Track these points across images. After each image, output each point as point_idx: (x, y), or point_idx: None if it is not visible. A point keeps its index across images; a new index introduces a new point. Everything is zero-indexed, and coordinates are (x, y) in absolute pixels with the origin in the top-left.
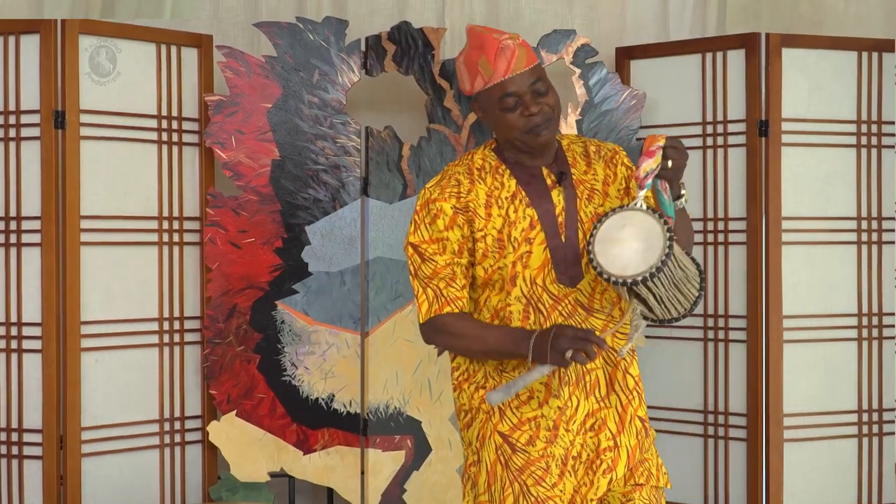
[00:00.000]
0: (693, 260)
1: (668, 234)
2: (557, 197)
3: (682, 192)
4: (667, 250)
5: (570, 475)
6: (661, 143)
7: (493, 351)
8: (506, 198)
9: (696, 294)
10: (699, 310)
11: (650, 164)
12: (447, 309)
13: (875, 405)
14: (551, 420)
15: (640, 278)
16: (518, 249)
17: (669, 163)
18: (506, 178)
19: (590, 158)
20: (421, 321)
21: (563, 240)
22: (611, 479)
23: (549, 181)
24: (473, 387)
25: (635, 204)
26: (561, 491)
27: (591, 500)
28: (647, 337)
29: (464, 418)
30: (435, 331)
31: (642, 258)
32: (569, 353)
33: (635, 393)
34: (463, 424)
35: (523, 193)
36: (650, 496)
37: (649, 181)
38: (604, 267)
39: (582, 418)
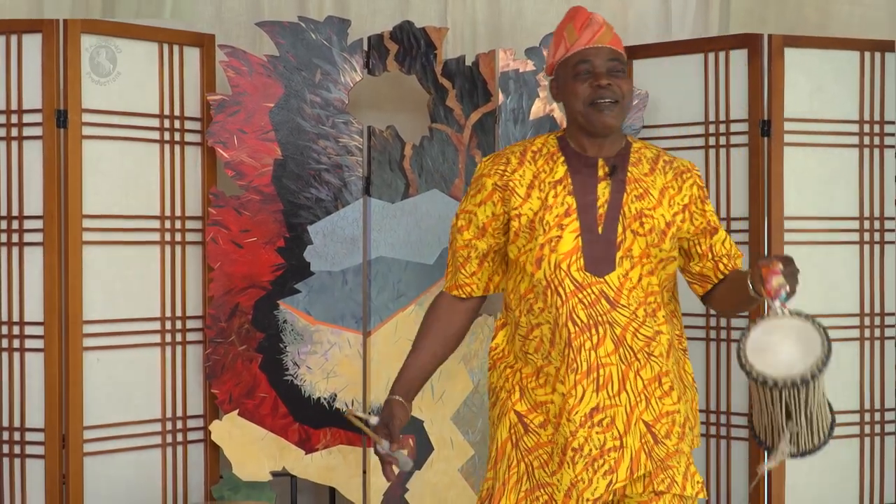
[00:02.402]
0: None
1: (821, 328)
2: (603, 189)
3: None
4: (827, 342)
5: (569, 467)
6: (780, 268)
7: (408, 356)
8: (550, 182)
9: (828, 428)
10: (701, 309)
11: (779, 280)
12: (455, 292)
13: (877, 405)
14: (558, 406)
15: (809, 374)
16: (548, 233)
17: (787, 290)
18: (558, 164)
19: (656, 165)
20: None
21: (600, 231)
22: (610, 482)
23: (601, 173)
24: (504, 366)
25: (776, 313)
26: (559, 481)
27: (588, 499)
28: None
29: (491, 397)
30: (432, 304)
31: (802, 356)
32: (373, 422)
33: (643, 396)
34: (490, 403)
35: (569, 181)
36: None
37: (783, 294)
38: (768, 375)
39: (587, 411)
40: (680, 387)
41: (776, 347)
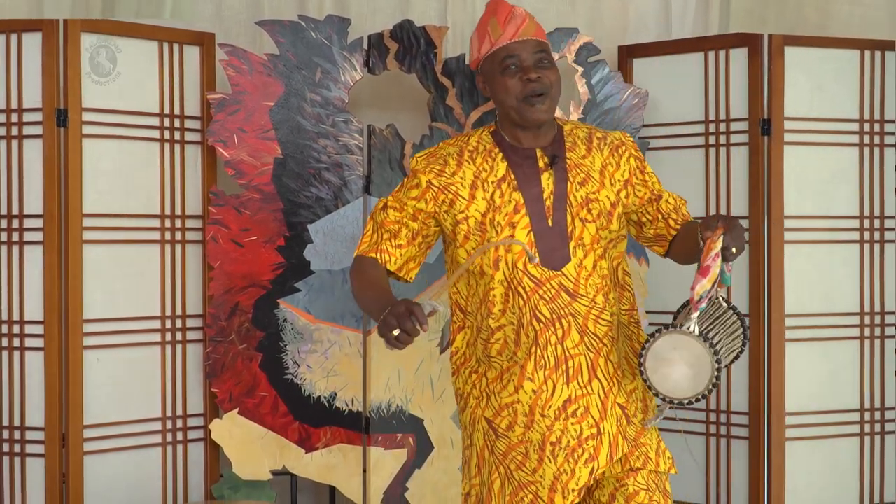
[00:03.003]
0: (736, 315)
1: (715, 365)
2: (547, 180)
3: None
4: (714, 381)
5: (550, 461)
6: (718, 248)
7: (364, 305)
8: (493, 181)
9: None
10: None
11: (705, 286)
12: (372, 255)
13: (877, 404)
14: (527, 405)
15: (686, 402)
16: (501, 234)
17: (734, 249)
18: (498, 160)
19: (591, 144)
20: (355, 253)
21: (550, 224)
22: (592, 469)
23: (541, 163)
24: (468, 370)
25: (689, 328)
26: (541, 476)
27: (573, 489)
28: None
29: (459, 402)
30: (354, 267)
31: (690, 384)
32: (395, 332)
33: (615, 380)
34: (459, 408)
35: (512, 176)
36: (647, 480)
37: (703, 304)
38: (654, 384)
39: (560, 403)
40: (633, 362)
41: (673, 364)
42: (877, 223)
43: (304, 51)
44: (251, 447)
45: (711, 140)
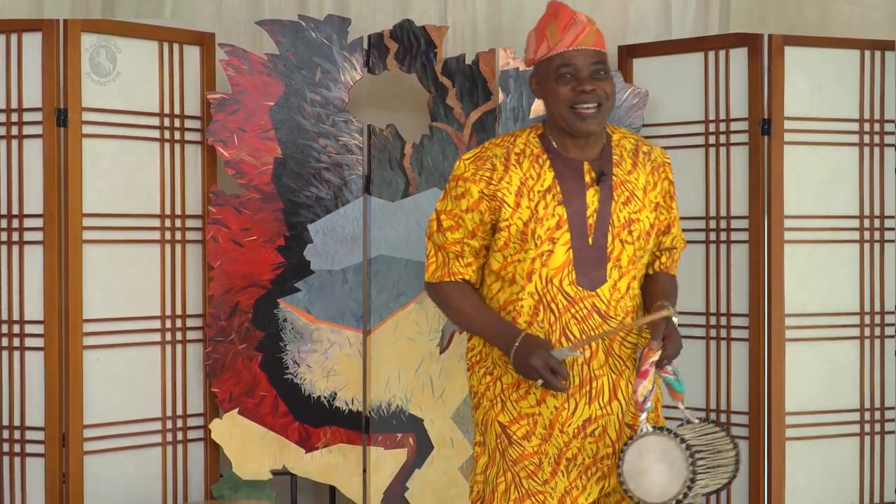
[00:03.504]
0: (724, 434)
1: (683, 445)
2: (592, 197)
3: (665, 312)
4: (690, 459)
5: (563, 475)
6: (655, 358)
7: (475, 330)
8: (539, 191)
9: (732, 464)
10: (701, 308)
11: (646, 387)
12: (447, 279)
13: (877, 404)
14: (547, 419)
15: (681, 496)
16: (540, 247)
17: (667, 365)
18: (545, 168)
19: (637, 159)
20: (426, 279)
21: (590, 242)
22: (603, 487)
23: (587, 178)
24: (482, 371)
25: (641, 430)
26: (552, 488)
27: (582, 503)
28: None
29: (473, 399)
30: (434, 293)
31: (671, 477)
32: (539, 382)
33: (632, 401)
34: (472, 405)
35: (558, 189)
36: None
37: (649, 403)
38: (646, 500)
39: (580, 423)
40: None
41: (650, 470)
42: (877, 223)
43: (304, 51)
44: (251, 447)
45: (711, 140)
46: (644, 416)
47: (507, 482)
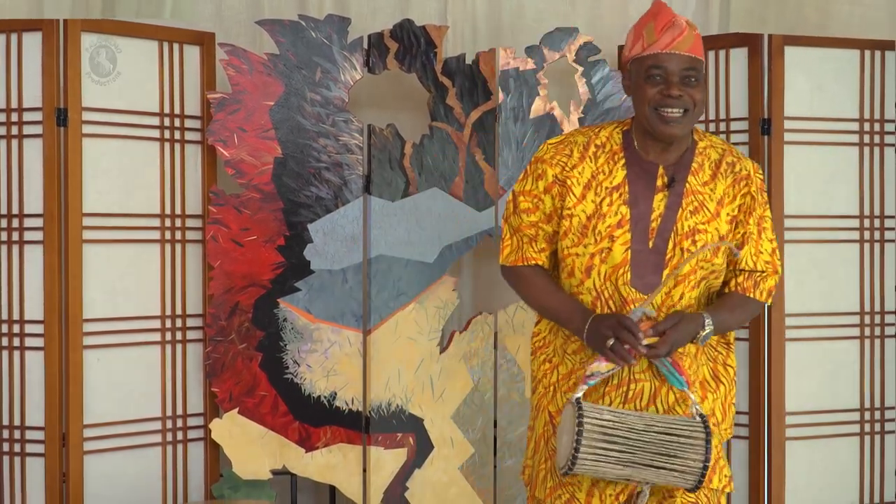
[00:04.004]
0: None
1: (577, 420)
2: (659, 202)
3: (701, 333)
4: (576, 436)
5: None
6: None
7: (549, 314)
8: (607, 187)
9: (686, 472)
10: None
11: (600, 367)
12: (521, 264)
13: (877, 404)
14: None
15: (565, 468)
16: (599, 243)
17: (664, 358)
18: (618, 166)
19: (718, 170)
20: (501, 261)
21: (650, 245)
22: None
23: (659, 182)
24: (543, 357)
25: (572, 398)
26: (580, 481)
27: (610, 494)
28: None
29: (533, 383)
30: (509, 276)
31: (564, 448)
32: (610, 342)
33: (674, 410)
34: (532, 388)
35: (626, 188)
36: (698, 496)
37: (592, 381)
38: (558, 460)
39: None
40: (712, 384)
41: (560, 437)
42: (877, 223)
43: (304, 50)
44: (251, 447)
45: None
46: (582, 387)
47: (547, 469)
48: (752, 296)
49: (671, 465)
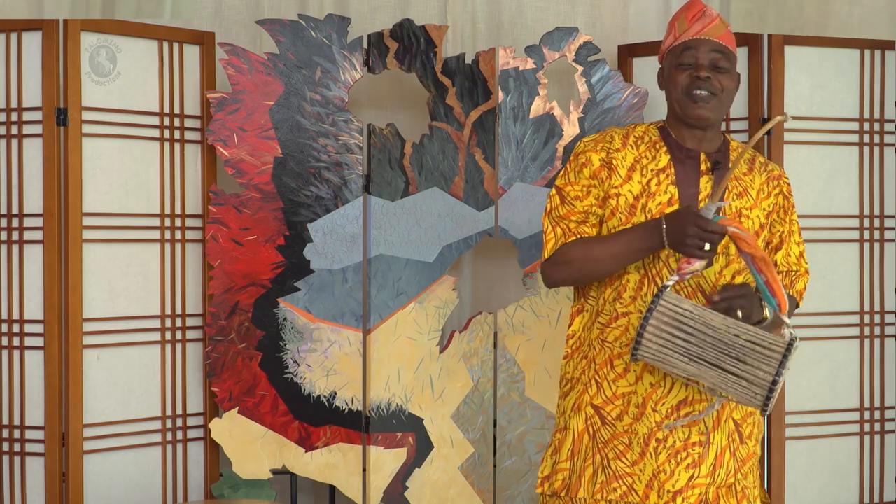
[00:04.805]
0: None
1: (652, 302)
2: (706, 184)
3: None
4: (644, 317)
5: (651, 458)
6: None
7: (622, 255)
8: (653, 169)
9: (774, 367)
10: None
11: (697, 266)
12: (571, 239)
13: (877, 403)
14: (641, 397)
15: (630, 352)
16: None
17: (739, 313)
18: (661, 152)
19: (754, 165)
20: (545, 257)
21: None
22: (692, 476)
23: (703, 167)
24: (580, 356)
25: (665, 287)
26: (640, 471)
27: (668, 491)
28: None
29: (564, 387)
30: (556, 264)
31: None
32: (707, 247)
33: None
34: (561, 393)
35: (672, 170)
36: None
37: (687, 276)
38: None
39: (675, 403)
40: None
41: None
42: (877, 223)
43: (304, 50)
44: (251, 446)
45: None
46: (674, 278)
47: (595, 465)
48: (790, 293)
49: (739, 371)
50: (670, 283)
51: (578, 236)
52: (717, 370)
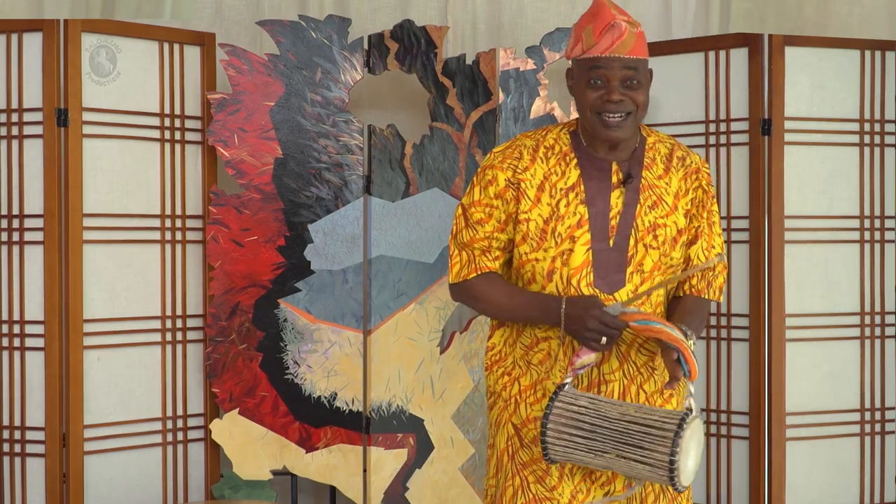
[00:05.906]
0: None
1: (548, 405)
2: (617, 198)
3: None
4: (542, 422)
5: (568, 479)
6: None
7: (518, 314)
8: (562, 188)
9: (655, 467)
10: None
11: (589, 359)
12: (474, 275)
13: (877, 404)
14: None
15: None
16: (560, 245)
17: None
18: (571, 166)
19: (670, 163)
20: (451, 281)
21: (611, 244)
22: (608, 492)
23: (615, 178)
24: (501, 370)
25: (562, 387)
26: (560, 494)
27: None
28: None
29: (488, 399)
30: (462, 293)
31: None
32: (604, 341)
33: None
34: (488, 405)
35: (581, 188)
36: None
37: (580, 371)
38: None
39: None
40: (679, 388)
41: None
42: (877, 223)
43: (305, 51)
44: (251, 447)
45: (712, 140)
46: (569, 378)
47: (515, 486)
48: (706, 297)
49: (640, 457)
50: (567, 381)
51: (482, 272)
52: (621, 460)
